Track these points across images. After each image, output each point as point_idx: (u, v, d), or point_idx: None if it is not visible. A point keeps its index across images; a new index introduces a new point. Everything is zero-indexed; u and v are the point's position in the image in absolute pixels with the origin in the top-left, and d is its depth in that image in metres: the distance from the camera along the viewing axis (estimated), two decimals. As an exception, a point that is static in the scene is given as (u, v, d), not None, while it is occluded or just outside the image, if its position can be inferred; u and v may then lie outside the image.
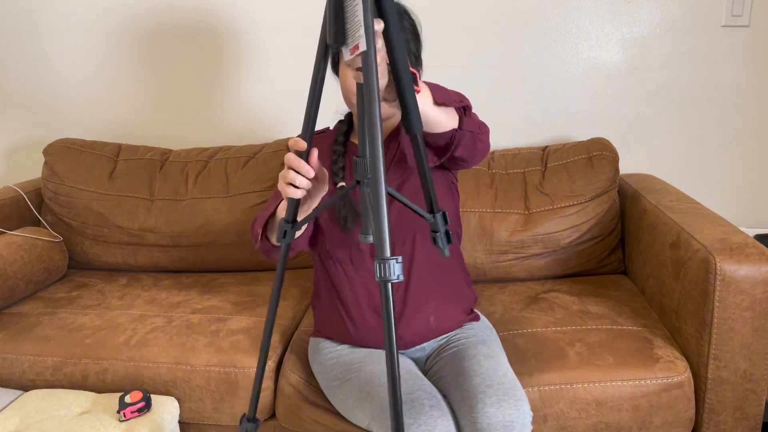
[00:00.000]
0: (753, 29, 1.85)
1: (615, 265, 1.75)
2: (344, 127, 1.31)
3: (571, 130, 1.99)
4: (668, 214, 1.49)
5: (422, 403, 1.04)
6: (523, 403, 1.06)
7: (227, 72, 2.06)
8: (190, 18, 2.02)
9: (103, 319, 1.57)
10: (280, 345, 1.46)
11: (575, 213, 1.70)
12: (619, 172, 1.75)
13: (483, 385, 1.07)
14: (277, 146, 1.90)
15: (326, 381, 1.25)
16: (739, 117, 1.93)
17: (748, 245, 1.25)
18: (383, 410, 1.05)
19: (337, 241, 1.24)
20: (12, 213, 1.89)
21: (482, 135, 1.09)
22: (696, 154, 1.97)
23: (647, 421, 1.28)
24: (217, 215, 1.84)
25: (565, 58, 1.93)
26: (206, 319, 1.55)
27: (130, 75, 2.10)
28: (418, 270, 1.22)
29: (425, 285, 1.23)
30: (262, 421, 1.42)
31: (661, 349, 1.32)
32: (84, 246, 1.92)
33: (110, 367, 1.43)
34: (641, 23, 1.88)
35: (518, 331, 1.43)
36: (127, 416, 1.28)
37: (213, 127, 2.11)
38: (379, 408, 1.07)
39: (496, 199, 1.74)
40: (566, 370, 1.29)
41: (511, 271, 1.73)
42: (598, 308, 1.51)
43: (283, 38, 2.00)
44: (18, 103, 2.18)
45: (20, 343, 1.48)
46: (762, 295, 1.22)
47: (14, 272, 1.65)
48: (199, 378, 1.39)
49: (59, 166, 1.93)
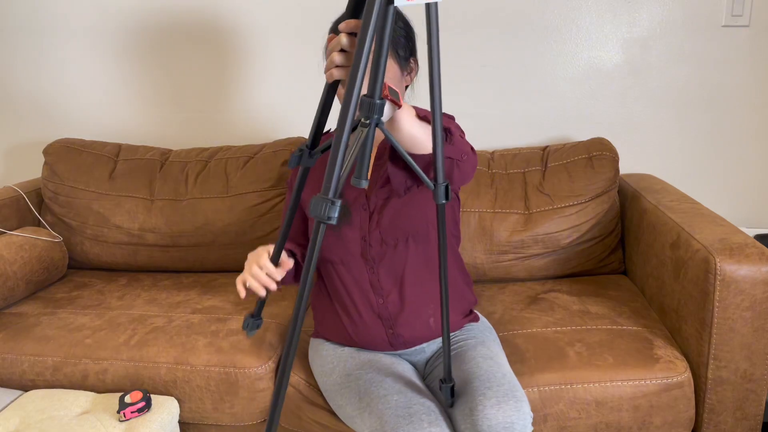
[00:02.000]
0: (753, 29, 1.85)
1: (615, 265, 1.75)
2: None
3: (571, 130, 1.99)
4: (668, 214, 1.49)
5: (420, 419, 1.03)
6: (523, 404, 1.05)
7: (227, 72, 2.06)
8: (191, 18, 2.02)
9: (103, 319, 1.57)
10: (280, 345, 1.46)
11: (575, 213, 1.70)
12: (619, 172, 1.75)
13: (482, 387, 1.07)
14: (277, 146, 1.90)
15: (325, 384, 1.25)
16: (739, 117, 1.93)
17: (748, 245, 1.25)
18: (383, 424, 1.04)
19: (325, 243, 1.23)
20: (12, 213, 1.89)
21: (463, 164, 1.01)
22: (696, 154, 1.97)
23: (647, 421, 1.28)
24: (217, 215, 1.84)
25: (565, 58, 1.93)
26: (206, 319, 1.55)
27: (130, 75, 2.10)
28: (414, 271, 1.21)
29: (423, 286, 1.22)
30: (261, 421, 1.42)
31: (661, 349, 1.32)
32: (84, 246, 1.92)
33: (110, 367, 1.43)
34: (641, 23, 1.88)
35: (518, 331, 1.43)
36: (127, 416, 1.28)
37: (213, 127, 2.11)
38: (379, 422, 1.05)
39: (496, 199, 1.74)
40: (566, 370, 1.28)
41: (511, 271, 1.73)
42: (598, 308, 1.51)
43: (283, 38, 2.00)
44: (18, 103, 2.18)
45: (20, 343, 1.48)
46: (762, 295, 1.22)
47: (14, 272, 1.65)
48: (199, 378, 1.39)
49: (59, 166, 1.93)
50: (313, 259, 0.74)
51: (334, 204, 0.72)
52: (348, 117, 0.71)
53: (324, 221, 0.72)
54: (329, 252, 1.23)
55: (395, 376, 1.15)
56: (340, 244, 1.21)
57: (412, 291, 1.21)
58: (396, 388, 1.11)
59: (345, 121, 0.71)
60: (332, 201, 0.72)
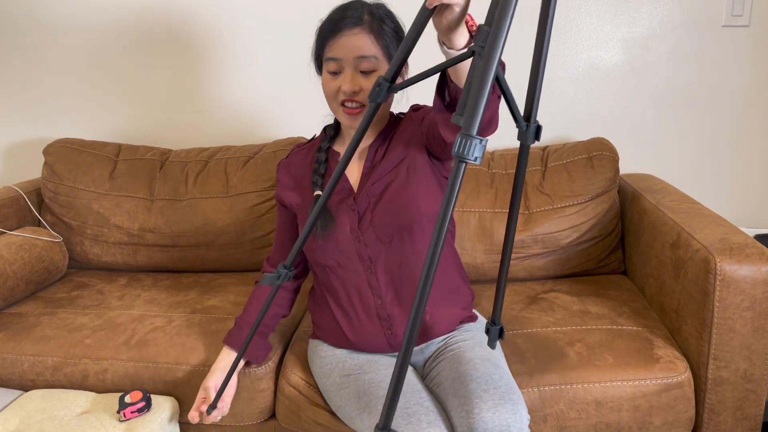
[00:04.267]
0: (753, 29, 1.85)
1: (615, 265, 1.75)
2: (331, 133, 1.30)
3: (571, 130, 1.99)
4: (668, 214, 1.49)
5: (419, 419, 1.03)
6: (519, 406, 1.05)
7: (228, 72, 2.06)
8: (191, 18, 2.02)
9: (103, 319, 1.57)
10: (280, 345, 1.46)
11: (575, 213, 1.70)
12: (619, 172, 1.75)
13: (479, 389, 1.06)
14: (277, 146, 1.90)
15: (325, 385, 1.25)
16: (739, 117, 1.93)
17: (748, 245, 1.25)
18: None
19: (318, 249, 1.23)
20: (12, 213, 1.89)
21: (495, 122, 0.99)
22: (696, 154, 1.97)
23: (647, 422, 1.28)
24: (216, 215, 1.84)
25: (565, 58, 1.93)
26: (206, 319, 1.55)
27: (130, 75, 2.10)
28: (410, 269, 1.21)
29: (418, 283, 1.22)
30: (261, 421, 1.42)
31: (661, 349, 1.32)
32: (84, 246, 1.92)
33: (110, 367, 1.43)
34: (641, 23, 1.88)
35: (518, 331, 1.43)
36: (127, 416, 1.28)
37: (213, 127, 2.11)
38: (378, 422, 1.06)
39: (496, 199, 1.74)
40: (566, 370, 1.28)
41: (511, 271, 1.73)
42: (598, 308, 1.51)
43: (284, 39, 2.00)
44: (18, 103, 2.18)
45: (20, 343, 1.48)
46: (762, 295, 1.22)
47: (14, 272, 1.65)
48: (199, 378, 1.39)
49: (59, 166, 1.93)
50: (451, 202, 0.66)
51: (481, 142, 0.63)
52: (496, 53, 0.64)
53: (466, 161, 0.64)
54: (325, 257, 1.23)
55: None
56: (335, 248, 1.21)
57: (408, 290, 1.21)
58: None
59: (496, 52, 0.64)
60: (480, 139, 0.63)
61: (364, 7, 1.17)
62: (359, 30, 1.15)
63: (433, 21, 0.83)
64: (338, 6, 1.20)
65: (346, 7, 1.18)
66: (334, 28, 1.16)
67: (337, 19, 1.17)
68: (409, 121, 1.25)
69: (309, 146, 1.34)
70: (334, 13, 1.19)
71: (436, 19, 0.82)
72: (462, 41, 0.84)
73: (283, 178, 1.34)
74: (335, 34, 1.16)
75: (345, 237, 1.20)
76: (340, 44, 1.15)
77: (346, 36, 1.15)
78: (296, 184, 1.31)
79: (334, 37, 1.16)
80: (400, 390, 0.70)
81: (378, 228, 1.18)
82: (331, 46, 1.17)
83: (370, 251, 1.20)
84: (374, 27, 1.16)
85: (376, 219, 1.18)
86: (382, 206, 1.19)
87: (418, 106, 1.28)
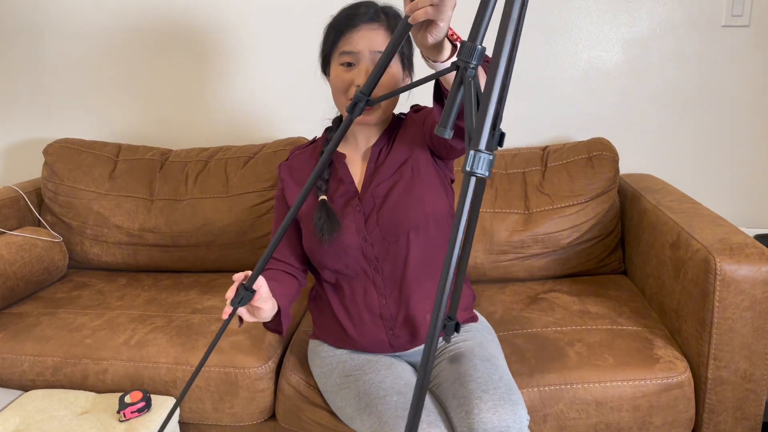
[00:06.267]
0: (753, 29, 1.85)
1: (615, 265, 1.75)
2: (332, 134, 1.30)
3: (571, 130, 1.99)
4: (668, 214, 1.49)
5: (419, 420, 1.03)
6: (519, 407, 1.05)
7: (228, 72, 2.06)
8: (191, 18, 2.02)
9: (102, 319, 1.57)
10: (280, 345, 1.46)
11: (575, 213, 1.70)
12: (619, 172, 1.75)
13: (479, 390, 1.06)
14: (277, 146, 1.90)
15: (325, 385, 1.25)
16: (739, 117, 1.93)
17: (748, 245, 1.25)
18: (383, 425, 1.04)
19: (326, 254, 1.22)
20: (12, 213, 1.89)
21: None
22: (696, 154, 1.97)
23: (647, 422, 1.28)
24: (216, 215, 1.84)
25: (565, 58, 1.93)
26: (206, 319, 1.55)
27: (130, 75, 2.10)
28: (413, 268, 1.21)
29: (421, 286, 1.22)
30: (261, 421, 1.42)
31: (661, 349, 1.32)
32: (84, 246, 1.92)
33: (110, 367, 1.43)
34: (641, 23, 1.88)
35: (518, 331, 1.43)
36: (127, 416, 1.28)
37: (213, 127, 2.11)
38: (378, 422, 1.05)
39: (496, 199, 1.74)
40: (566, 370, 1.28)
41: (511, 271, 1.73)
42: (598, 308, 1.51)
43: (285, 39, 2.00)
44: (18, 103, 2.18)
45: (20, 343, 1.48)
46: (762, 295, 1.22)
47: (14, 272, 1.65)
48: (198, 378, 1.39)
49: (59, 166, 1.93)
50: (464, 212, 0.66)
51: (488, 156, 0.63)
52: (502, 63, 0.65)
53: (473, 174, 0.64)
54: (332, 261, 1.22)
55: (394, 376, 1.15)
56: (341, 251, 1.21)
57: (411, 287, 1.21)
58: (395, 388, 1.11)
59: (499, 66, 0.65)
60: (488, 154, 0.63)
61: (377, 6, 1.18)
62: (377, 26, 1.15)
63: (416, 38, 0.85)
64: (349, 4, 1.20)
65: (359, 5, 1.19)
66: (350, 23, 1.16)
67: (353, 14, 1.17)
68: (411, 121, 1.25)
69: (311, 148, 1.33)
70: (348, 9, 1.19)
71: (420, 35, 0.83)
72: (446, 54, 0.87)
73: (287, 179, 1.33)
74: (351, 28, 1.16)
75: (351, 237, 1.20)
76: (359, 37, 1.15)
77: (364, 30, 1.15)
78: (300, 187, 1.30)
79: (351, 31, 1.15)
80: (422, 406, 0.70)
81: (384, 228, 1.19)
82: (347, 39, 1.16)
83: (376, 251, 1.20)
84: (390, 25, 1.16)
85: (382, 220, 1.19)
86: (387, 207, 1.19)
87: (418, 106, 1.29)
